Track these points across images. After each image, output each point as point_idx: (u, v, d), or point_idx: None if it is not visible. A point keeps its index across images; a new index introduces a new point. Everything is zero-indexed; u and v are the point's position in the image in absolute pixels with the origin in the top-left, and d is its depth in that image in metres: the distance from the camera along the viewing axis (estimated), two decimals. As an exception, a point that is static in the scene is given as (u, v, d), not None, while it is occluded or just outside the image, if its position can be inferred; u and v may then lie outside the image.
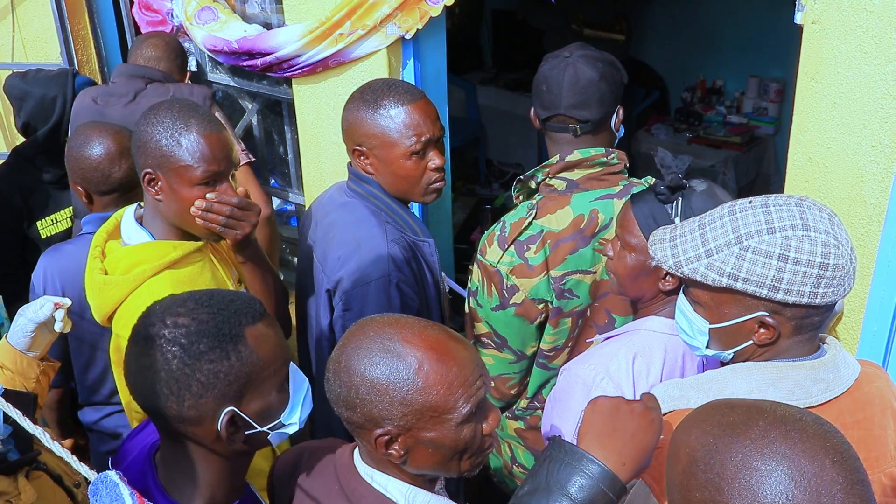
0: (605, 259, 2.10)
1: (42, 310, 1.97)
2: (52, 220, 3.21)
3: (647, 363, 1.85)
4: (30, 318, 1.97)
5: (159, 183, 1.98)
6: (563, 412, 1.87)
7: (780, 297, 1.45)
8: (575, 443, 1.40)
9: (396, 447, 1.40)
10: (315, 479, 1.55)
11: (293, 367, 1.53)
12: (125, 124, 2.92)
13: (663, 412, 1.59)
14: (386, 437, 1.39)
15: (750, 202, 1.53)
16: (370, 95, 2.20)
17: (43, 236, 3.20)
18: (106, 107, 3.07)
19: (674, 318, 1.70)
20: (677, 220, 1.83)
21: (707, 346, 1.63)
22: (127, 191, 2.45)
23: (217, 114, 3.05)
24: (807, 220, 1.45)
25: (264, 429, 1.45)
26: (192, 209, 1.97)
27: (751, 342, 1.54)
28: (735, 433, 1.05)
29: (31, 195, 3.18)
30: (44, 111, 3.31)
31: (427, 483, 1.51)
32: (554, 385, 2.25)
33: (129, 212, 2.10)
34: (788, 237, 1.44)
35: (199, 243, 2.06)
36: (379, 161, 2.21)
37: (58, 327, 2.01)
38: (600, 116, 2.19)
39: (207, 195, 1.97)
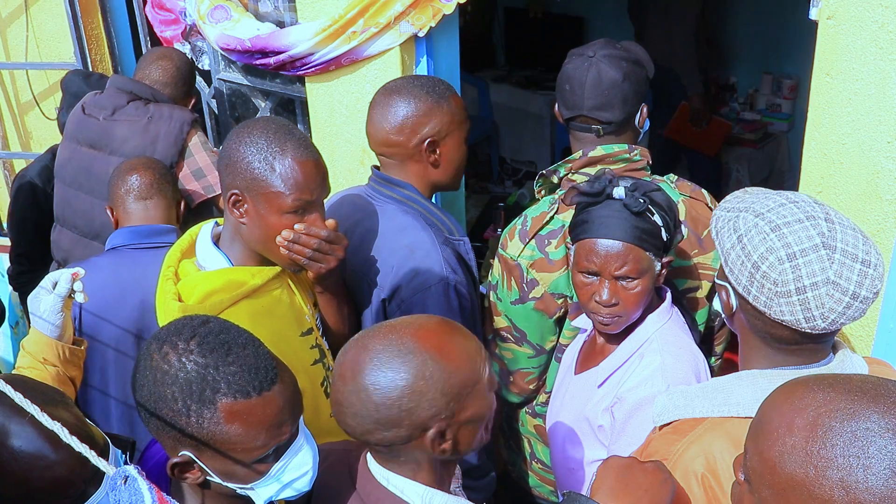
0: None
1: (62, 285, 1.89)
2: None
3: (677, 358, 1.89)
4: (58, 293, 1.88)
5: (245, 206, 1.87)
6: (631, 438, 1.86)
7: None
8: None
9: (448, 440, 1.42)
10: (330, 484, 1.54)
11: (304, 452, 1.45)
12: (101, 139, 2.93)
13: (668, 421, 1.59)
14: (438, 436, 1.40)
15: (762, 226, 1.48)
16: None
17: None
18: (89, 118, 3.02)
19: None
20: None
21: None
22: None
23: (198, 139, 3.00)
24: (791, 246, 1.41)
25: (228, 484, 1.41)
26: (278, 239, 1.87)
27: None
28: (875, 398, 1.07)
29: None
30: None
31: (443, 483, 1.51)
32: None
33: (205, 230, 2.00)
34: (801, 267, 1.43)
35: (278, 269, 1.96)
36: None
37: (79, 298, 1.93)
38: (623, 117, 2.20)
39: (296, 225, 1.87)
